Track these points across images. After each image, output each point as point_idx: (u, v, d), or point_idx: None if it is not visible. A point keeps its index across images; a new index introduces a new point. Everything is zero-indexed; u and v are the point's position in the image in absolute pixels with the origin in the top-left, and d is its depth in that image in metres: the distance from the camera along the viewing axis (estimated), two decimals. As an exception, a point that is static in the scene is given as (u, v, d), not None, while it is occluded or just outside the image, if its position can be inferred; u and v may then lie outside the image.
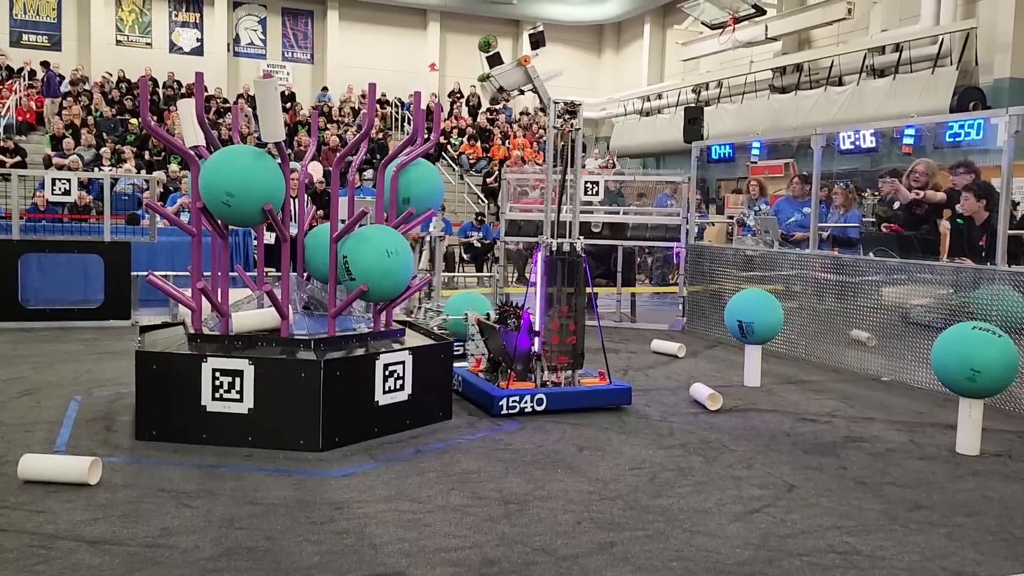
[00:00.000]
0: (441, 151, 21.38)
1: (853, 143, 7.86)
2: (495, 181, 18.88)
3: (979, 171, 7.38)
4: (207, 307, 5.15)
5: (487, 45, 6.01)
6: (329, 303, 5.21)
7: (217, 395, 4.64)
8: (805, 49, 19.84)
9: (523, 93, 6.23)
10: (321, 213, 12.16)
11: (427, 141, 5.96)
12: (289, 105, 21.32)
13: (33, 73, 20.97)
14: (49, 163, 15.68)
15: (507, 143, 22.21)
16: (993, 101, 14.06)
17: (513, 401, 5.56)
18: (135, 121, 18.81)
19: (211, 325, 5.22)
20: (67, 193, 9.36)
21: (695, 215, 10.16)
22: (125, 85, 21.34)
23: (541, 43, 6.13)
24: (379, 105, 21.99)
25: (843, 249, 8.52)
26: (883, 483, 4.42)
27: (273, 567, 3.21)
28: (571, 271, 5.90)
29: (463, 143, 22.34)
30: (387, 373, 4.96)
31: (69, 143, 16.54)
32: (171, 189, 14.51)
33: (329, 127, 20.24)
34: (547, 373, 5.83)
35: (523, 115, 24.69)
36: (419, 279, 6.16)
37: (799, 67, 18.90)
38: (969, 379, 4.83)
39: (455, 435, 5.09)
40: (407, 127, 22.29)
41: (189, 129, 5.42)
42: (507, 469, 4.45)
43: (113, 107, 19.93)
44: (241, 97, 21.16)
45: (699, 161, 9.90)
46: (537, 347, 5.78)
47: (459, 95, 24.87)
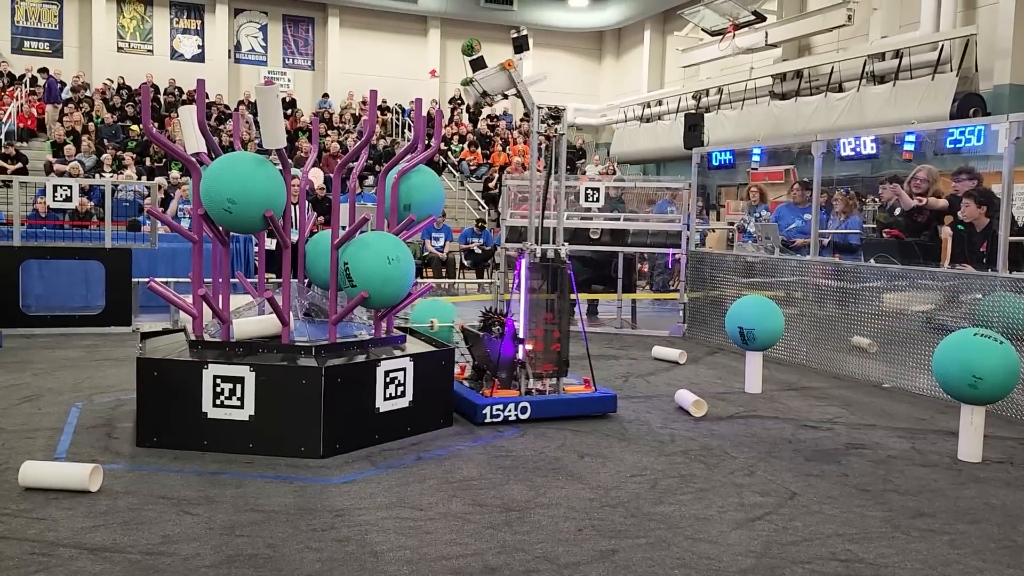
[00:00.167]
0: (442, 158, 21.40)
1: (854, 149, 7.88)
2: (496, 187, 18.91)
3: (981, 178, 7.38)
4: (208, 314, 5.16)
5: (470, 49, 5.95)
6: (330, 310, 5.21)
7: (218, 402, 4.63)
8: (805, 55, 19.87)
9: (507, 98, 6.12)
10: (322, 219, 12.19)
11: (428, 148, 5.96)
12: (290, 112, 21.35)
13: (34, 80, 21.02)
14: (50, 169, 15.70)
15: (508, 149, 22.25)
16: (993, 107, 14.08)
17: (497, 410, 5.47)
18: (136, 128, 18.83)
19: (212, 332, 5.22)
20: (68, 199, 9.36)
21: (696, 221, 10.17)
22: (126, 92, 21.40)
23: (524, 47, 6.08)
24: (380, 112, 22.03)
25: (844, 255, 8.52)
26: (885, 490, 4.41)
27: (274, 574, 3.20)
28: (555, 277, 5.87)
29: (463, 149, 22.38)
30: (388, 380, 4.95)
31: (70, 149, 16.57)
32: (171, 196, 14.52)
33: (330, 133, 20.27)
34: (532, 381, 5.76)
35: (523, 121, 24.73)
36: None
37: (799, 73, 18.91)
38: (971, 386, 4.82)
39: (456, 442, 5.08)
40: (408, 133, 22.33)
41: (190, 135, 5.43)
42: (508, 476, 4.45)
43: (114, 114, 19.97)
44: (242, 104, 21.22)
45: (700, 167, 9.92)
46: (521, 355, 5.72)
47: (460, 101, 24.90)
